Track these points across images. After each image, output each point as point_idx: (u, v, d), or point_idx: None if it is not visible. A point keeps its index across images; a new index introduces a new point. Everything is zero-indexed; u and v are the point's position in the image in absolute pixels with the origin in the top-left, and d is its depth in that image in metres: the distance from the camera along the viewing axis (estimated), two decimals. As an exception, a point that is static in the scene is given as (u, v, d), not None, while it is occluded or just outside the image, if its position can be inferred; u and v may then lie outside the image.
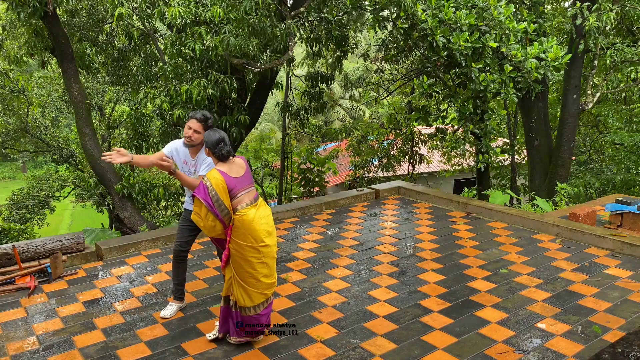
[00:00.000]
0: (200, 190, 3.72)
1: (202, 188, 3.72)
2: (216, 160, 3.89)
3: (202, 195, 3.70)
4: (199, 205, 3.71)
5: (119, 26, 11.09)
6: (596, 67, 10.65)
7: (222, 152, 3.84)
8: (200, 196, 3.69)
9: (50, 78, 17.39)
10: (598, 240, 5.81)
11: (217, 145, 3.83)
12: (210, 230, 3.76)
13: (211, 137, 3.85)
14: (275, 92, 11.87)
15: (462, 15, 7.60)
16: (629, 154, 14.51)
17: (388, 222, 6.89)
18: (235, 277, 3.76)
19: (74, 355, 3.80)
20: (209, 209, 3.70)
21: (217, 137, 3.84)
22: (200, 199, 3.68)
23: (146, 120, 9.24)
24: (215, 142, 3.82)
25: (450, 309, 4.41)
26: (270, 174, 17.35)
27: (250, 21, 7.21)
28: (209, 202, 3.69)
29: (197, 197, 3.69)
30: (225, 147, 3.84)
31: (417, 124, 10.71)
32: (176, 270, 4.46)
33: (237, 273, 3.76)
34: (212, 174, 3.74)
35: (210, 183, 3.70)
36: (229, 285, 3.83)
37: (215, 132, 3.87)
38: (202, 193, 3.71)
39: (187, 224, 4.39)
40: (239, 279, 3.75)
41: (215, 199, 3.68)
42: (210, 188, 3.69)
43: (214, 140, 3.84)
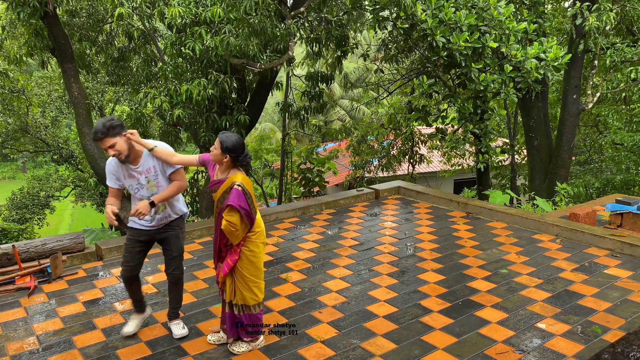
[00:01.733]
0: (237, 198, 3.46)
1: (238, 195, 3.47)
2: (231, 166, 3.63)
3: (242, 202, 3.47)
4: (234, 215, 3.47)
5: (119, 26, 11.09)
6: (596, 67, 10.65)
7: (247, 160, 3.63)
8: (239, 204, 3.46)
9: (50, 78, 17.39)
10: (598, 240, 5.81)
11: (243, 152, 3.59)
12: (238, 237, 3.56)
13: (237, 141, 3.55)
14: (275, 92, 11.86)
15: (462, 15, 7.60)
16: (629, 154, 14.52)
17: (388, 222, 6.89)
18: (243, 279, 3.63)
19: (74, 355, 3.81)
20: (247, 216, 3.50)
21: (241, 141, 3.59)
22: (238, 207, 3.45)
23: (146, 120, 9.24)
24: (241, 146, 3.56)
25: (450, 309, 4.41)
26: (270, 174, 17.34)
27: (250, 21, 7.20)
28: (247, 208, 3.50)
29: (235, 206, 3.44)
30: (247, 152, 3.67)
31: (417, 124, 10.70)
32: (131, 290, 4.09)
33: (248, 275, 3.62)
34: (243, 177, 3.56)
35: (245, 188, 3.51)
36: (232, 290, 3.70)
37: (233, 136, 3.58)
38: (241, 201, 3.47)
39: (138, 246, 3.98)
40: (250, 279, 3.63)
41: (252, 204, 3.54)
42: (248, 194, 3.52)
43: (240, 144, 3.56)
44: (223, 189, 3.60)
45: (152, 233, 4.00)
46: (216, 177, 3.74)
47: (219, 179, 3.71)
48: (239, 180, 3.54)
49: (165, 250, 4.06)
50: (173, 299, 4.13)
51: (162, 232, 4.00)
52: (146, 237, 4.00)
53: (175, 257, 4.02)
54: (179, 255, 4.05)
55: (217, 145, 3.58)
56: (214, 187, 3.71)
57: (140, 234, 3.98)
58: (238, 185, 3.51)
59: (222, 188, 3.62)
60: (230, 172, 3.64)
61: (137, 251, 3.99)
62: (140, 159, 3.84)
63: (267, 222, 6.95)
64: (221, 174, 3.71)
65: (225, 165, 3.62)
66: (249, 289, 3.64)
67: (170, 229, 4.02)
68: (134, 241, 3.98)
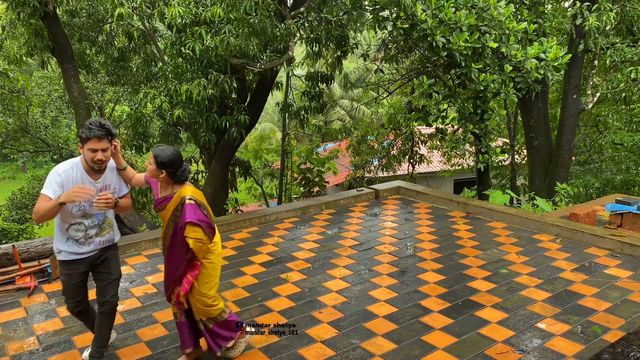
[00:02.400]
0: (194, 212, 3.27)
1: (193, 209, 3.28)
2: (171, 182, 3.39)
3: (200, 216, 3.29)
4: (197, 231, 3.28)
5: (119, 26, 11.10)
6: (596, 67, 10.65)
7: (185, 175, 3.38)
8: (198, 218, 3.27)
9: (50, 78, 17.39)
10: (598, 240, 5.81)
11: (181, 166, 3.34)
12: (206, 252, 3.38)
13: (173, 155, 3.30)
14: (275, 92, 11.87)
15: (462, 15, 7.60)
16: (629, 154, 14.52)
17: (388, 222, 6.89)
18: (200, 296, 3.41)
19: (74, 355, 3.81)
20: (207, 228, 3.32)
21: (178, 154, 3.33)
22: (198, 222, 3.26)
23: (146, 120, 9.24)
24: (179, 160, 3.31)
25: (450, 309, 4.41)
26: (270, 174, 17.35)
27: (250, 21, 7.21)
28: (207, 220, 3.33)
29: (195, 222, 3.26)
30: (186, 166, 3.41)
31: (417, 124, 10.71)
32: (85, 321, 3.77)
33: (205, 291, 3.41)
34: (191, 189, 3.36)
35: (197, 200, 3.32)
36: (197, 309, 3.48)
37: (171, 148, 3.32)
38: (198, 214, 3.28)
39: (79, 279, 3.55)
40: (207, 295, 3.43)
41: (208, 214, 3.36)
42: (202, 205, 3.33)
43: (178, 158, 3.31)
44: (172, 207, 3.36)
45: (90, 260, 3.58)
46: (160, 195, 3.49)
47: (163, 196, 3.45)
48: (189, 194, 3.32)
49: (102, 274, 3.62)
50: (101, 336, 3.62)
51: (101, 254, 3.62)
52: (85, 267, 3.57)
53: (114, 281, 3.65)
54: (118, 278, 3.69)
55: (151, 160, 3.33)
56: (161, 205, 3.45)
57: (79, 266, 3.53)
58: (190, 199, 3.30)
59: (170, 205, 3.38)
60: (175, 186, 3.42)
61: (79, 285, 3.57)
62: (102, 174, 3.51)
63: (267, 222, 6.96)
64: (164, 190, 3.47)
65: (163, 180, 3.39)
66: (205, 304, 3.46)
67: (109, 250, 3.67)
68: (74, 275, 3.53)
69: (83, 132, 3.30)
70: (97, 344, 3.61)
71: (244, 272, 5.28)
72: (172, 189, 3.41)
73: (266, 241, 6.22)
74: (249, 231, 6.62)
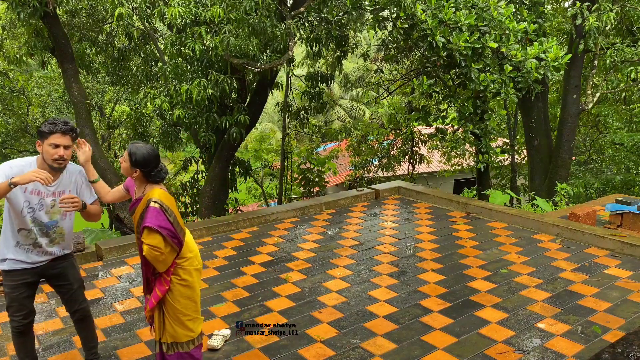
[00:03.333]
0: (154, 217, 2.94)
1: (155, 213, 2.95)
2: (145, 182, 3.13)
3: (162, 222, 2.95)
4: (154, 237, 2.92)
5: (119, 26, 11.11)
6: (596, 67, 10.65)
7: (161, 175, 3.14)
8: (158, 224, 2.93)
9: (50, 78, 17.39)
10: (598, 240, 5.81)
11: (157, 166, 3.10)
12: (165, 263, 3.00)
13: (148, 153, 3.06)
14: (275, 92, 11.87)
15: (462, 15, 7.60)
16: (629, 154, 14.52)
17: (388, 222, 6.89)
18: (174, 313, 3.08)
19: (74, 355, 3.81)
20: (171, 237, 2.97)
21: (155, 153, 3.10)
22: (157, 228, 2.92)
23: (146, 120, 9.25)
24: (155, 159, 3.08)
25: (450, 309, 4.41)
26: (270, 174, 17.35)
27: (250, 21, 7.21)
28: (170, 228, 2.98)
29: (153, 228, 2.91)
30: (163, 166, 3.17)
31: (417, 124, 10.71)
32: (24, 346, 3.36)
33: (180, 307, 3.07)
34: (161, 192, 3.06)
35: (163, 204, 3.00)
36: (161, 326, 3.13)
37: (147, 146, 3.10)
38: (160, 220, 2.95)
39: (25, 290, 3.26)
40: (182, 312, 3.09)
41: (175, 222, 3.03)
42: (169, 210, 3.01)
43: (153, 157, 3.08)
44: (140, 210, 3.07)
45: (39, 271, 3.30)
46: (135, 196, 3.23)
47: (136, 198, 3.19)
48: (155, 196, 3.01)
49: (63, 286, 3.43)
50: (86, 338, 3.56)
51: (54, 266, 3.35)
52: (32, 278, 3.29)
53: (77, 290, 3.46)
54: (80, 286, 3.50)
55: (125, 157, 3.10)
56: (132, 208, 3.18)
57: (24, 276, 3.24)
58: (154, 202, 2.98)
59: (139, 208, 3.09)
60: (146, 188, 3.13)
61: (25, 297, 3.26)
62: (58, 178, 3.23)
63: (267, 222, 6.96)
64: (138, 191, 3.19)
65: (137, 180, 3.14)
66: (181, 323, 3.09)
67: (63, 260, 3.39)
68: (19, 286, 3.23)
69: (45, 127, 3.09)
70: (88, 347, 3.59)
71: (244, 272, 5.28)
72: (144, 191, 3.13)
73: (266, 241, 6.22)
74: (249, 231, 6.62)
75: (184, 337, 3.12)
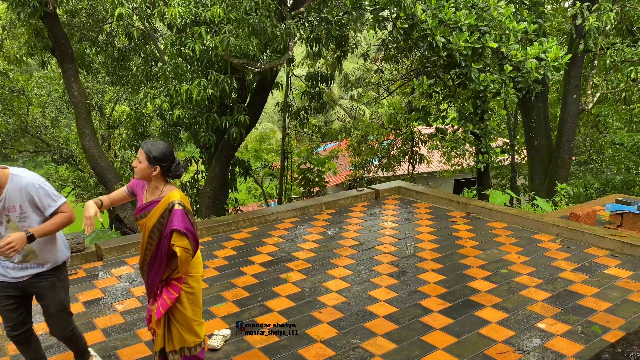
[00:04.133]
0: (182, 220, 2.94)
1: (182, 216, 2.94)
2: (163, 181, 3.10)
3: (188, 224, 2.96)
4: (184, 240, 2.94)
5: (119, 26, 11.10)
6: (596, 67, 10.65)
7: (180, 170, 3.10)
8: (185, 227, 2.94)
9: (50, 78, 17.39)
10: (598, 240, 5.81)
11: (174, 160, 3.09)
12: (188, 264, 3.06)
13: (166, 148, 3.05)
14: (275, 92, 11.87)
15: (462, 15, 7.61)
16: (629, 154, 14.52)
17: (388, 222, 6.89)
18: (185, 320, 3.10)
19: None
20: (193, 239, 2.99)
21: (170, 147, 3.08)
22: (185, 231, 2.93)
23: (146, 120, 9.25)
24: (171, 153, 3.06)
25: (450, 309, 4.41)
26: (270, 174, 17.35)
27: (250, 21, 7.21)
28: (193, 230, 2.99)
29: (182, 230, 2.92)
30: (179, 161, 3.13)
31: (417, 124, 10.71)
32: (24, 354, 3.31)
33: (191, 315, 3.11)
34: (180, 193, 3.03)
35: (186, 207, 2.99)
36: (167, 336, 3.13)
37: (161, 142, 3.09)
38: (187, 222, 2.96)
39: (10, 303, 3.15)
40: (192, 319, 3.12)
41: (195, 225, 3.04)
42: (191, 213, 3.01)
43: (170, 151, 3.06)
44: (159, 213, 3.00)
45: (21, 286, 3.15)
46: (145, 200, 3.12)
47: (149, 200, 3.09)
48: (177, 198, 2.98)
49: (42, 306, 3.24)
50: (75, 350, 3.47)
51: (34, 283, 3.17)
52: (15, 292, 3.15)
53: (54, 315, 3.21)
54: (60, 311, 3.23)
55: (142, 157, 3.02)
56: (144, 211, 3.08)
57: (7, 289, 3.12)
58: (179, 204, 2.96)
59: (156, 211, 3.02)
60: (164, 189, 3.08)
61: (9, 309, 3.13)
62: (3, 190, 2.98)
63: (267, 222, 6.96)
64: (151, 194, 3.11)
65: (155, 180, 3.07)
66: (191, 330, 3.13)
67: (43, 279, 3.18)
68: (2, 298, 3.12)
69: None
70: (77, 357, 3.53)
71: (244, 272, 5.28)
72: (161, 192, 3.06)
73: (266, 241, 6.22)
74: (249, 231, 6.62)
75: (192, 342, 3.17)
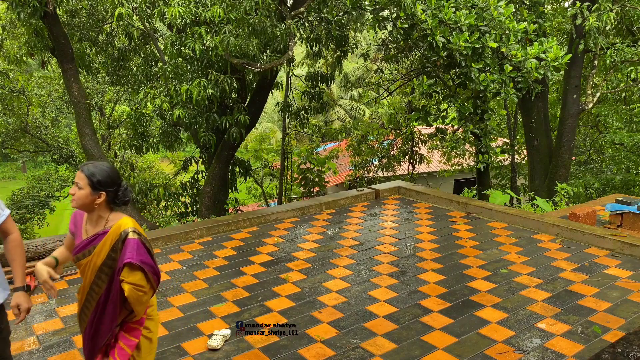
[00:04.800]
0: (136, 252, 2.48)
1: (137, 247, 2.49)
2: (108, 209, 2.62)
3: (143, 256, 2.50)
4: (136, 274, 2.47)
5: (119, 26, 11.11)
6: (596, 67, 10.66)
7: (129, 195, 2.64)
8: (140, 259, 2.48)
9: (50, 78, 17.40)
10: (598, 240, 5.81)
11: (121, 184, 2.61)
12: (146, 304, 2.58)
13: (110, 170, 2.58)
14: (275, 92, 11.88)
15: (462, 15, 7.61)
16: (629, 154, 14.52)
17: (388, 222, 6.89)
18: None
19: (74, 355, 3.80)
20: (152, 273, 2.53)
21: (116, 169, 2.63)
22: (140, 264, 2.47)
23: (146, 120, 9.25)
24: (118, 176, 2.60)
25: (450, 309, 4.41)
26: (270, 174, 17.36)
27: (250, 21, 7.21)
28: (152, 263, 2.54)
29: (135, 264, 2.46)
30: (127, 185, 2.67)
31: (417, 124, 10.71)
32: None
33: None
34: (131, 220, 2.59)
35: (142, 235, 2.56)
36: None
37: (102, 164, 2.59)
38: (142, 254, 2.50)
39: None
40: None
41: (153, 255, 2.59)
42: (149, 242, 2.57)
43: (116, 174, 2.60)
44: (108, 246, 2.53)
45: None
46: (86, 234, 2.63)
47: (94, 234, 2.60)
48: (130, 226, 2.53)
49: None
50: None
51: None
52: None
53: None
54: None
55: (82, 183, 2.52)
56: (87, 248, 2.58)
57: None
58: (134, 232, 2.52)
59: (104, 245, 2.54)
60: (111, 217, 2.60)
61: None
62: None
63: (267, 222, 6.96)
64: (94, 226, 2.61)
65: (99, 209, 2.58)
66: None
67: None
68: None
69: None
70: None
71: (244, 272, 5.28)
72: (107, 222, 2.58)
73: (266, 241, 6.22)
74: (249, 231, 6.62)
75: None
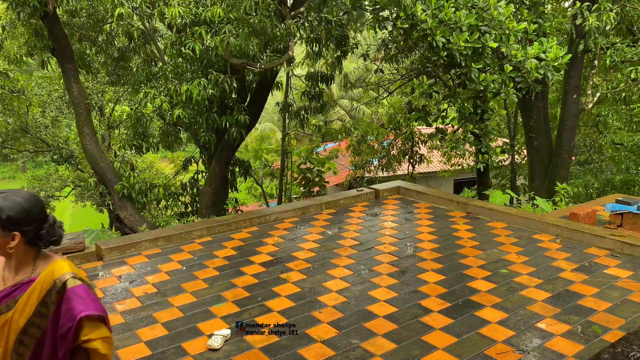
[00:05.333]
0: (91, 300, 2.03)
1: (86, 294, 2.02)
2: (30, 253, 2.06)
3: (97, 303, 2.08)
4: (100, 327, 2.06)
5: (119, 26, 11.11)
6: (596, 67, 10.66)
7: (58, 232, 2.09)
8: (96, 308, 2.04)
9: (50, 78, 17.41)
10: (598, 240, 5.81)
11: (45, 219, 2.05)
12: None
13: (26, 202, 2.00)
14: (275, 92, 11.88)
15: (462, 15, 7.61)
16: (629, 154, 14.53)
17: (388, 222, 6.88)
18: None
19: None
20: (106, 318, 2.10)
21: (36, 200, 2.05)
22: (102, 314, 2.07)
23: (146, 120, 9.26)
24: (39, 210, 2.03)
25: (450, 309, 4.41)
26: (270, 174, 17.36)
27: (250, 21, 7.21)
28: (104, 309, 2.12)
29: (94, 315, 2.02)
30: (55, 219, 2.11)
31: (417, 124, 10.72)
32: None
33: None
34: (66, 263, 2.07)
35: (85, 280, 2.09)
36: None
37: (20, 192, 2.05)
38: (95, 302, 2.06)
39: None
40: None
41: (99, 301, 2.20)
42: (92, 287, 2.15)
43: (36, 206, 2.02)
44: (35, 300, 2.00)
45: None
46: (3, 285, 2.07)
47: (14, 284, 2.05)
48: (67, 270, 2.03)
49: None
50: None
51: None
52: None
53: None
54: None
55: None
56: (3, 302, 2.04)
57: None
58: (74, 277, 2.02)
59: (29, 299, 2.00)
60: (38, 263, 2.06)
61: None
62: None
63: (267, 222, 6.96)
64: (15, 273, 2.06)
65: (17, 253, 2.02)
66: None
67: None
68: None
69: None
70: None
71: (244, 272, 5.28)
72: (34, 268, 2.04)
73: (266, 241, 6.22)
74: (249, 231, 6.62)
75: None
